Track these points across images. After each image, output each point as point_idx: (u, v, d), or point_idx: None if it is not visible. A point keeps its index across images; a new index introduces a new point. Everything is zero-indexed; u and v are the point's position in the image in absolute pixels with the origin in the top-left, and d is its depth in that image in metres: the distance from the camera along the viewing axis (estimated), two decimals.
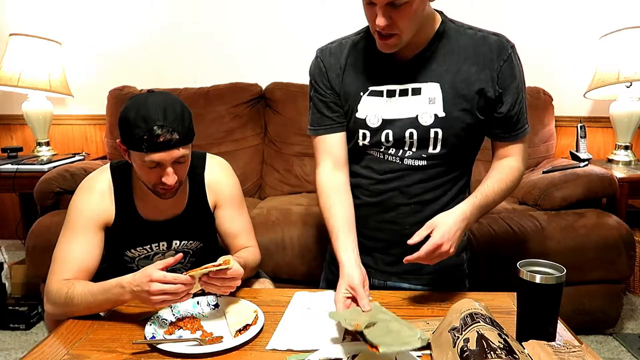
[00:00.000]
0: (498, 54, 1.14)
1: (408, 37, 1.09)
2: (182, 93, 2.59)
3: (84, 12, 2.75)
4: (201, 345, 0.97)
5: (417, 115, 1.15)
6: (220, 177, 1.31)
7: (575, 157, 2.30)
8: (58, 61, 2.65)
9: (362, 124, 1.19)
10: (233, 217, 1.33)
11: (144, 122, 1.06)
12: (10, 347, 2.05)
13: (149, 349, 0.96)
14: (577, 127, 2.39)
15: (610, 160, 2.47)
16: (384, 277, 1.29)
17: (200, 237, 1.32)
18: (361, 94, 1.19)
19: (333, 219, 1.18)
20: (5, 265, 2.43)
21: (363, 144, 1.21)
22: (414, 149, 1.17)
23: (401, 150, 1.18)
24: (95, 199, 1.20)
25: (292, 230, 1.96)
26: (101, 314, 1.11)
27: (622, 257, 1.93)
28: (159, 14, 2.75)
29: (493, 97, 1.14)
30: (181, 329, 1.04)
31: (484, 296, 1.16)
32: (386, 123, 1.17)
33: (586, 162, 2.21)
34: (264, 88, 2.65)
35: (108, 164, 1.26)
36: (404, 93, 1.16)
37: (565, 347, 0.88)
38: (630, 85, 2.37)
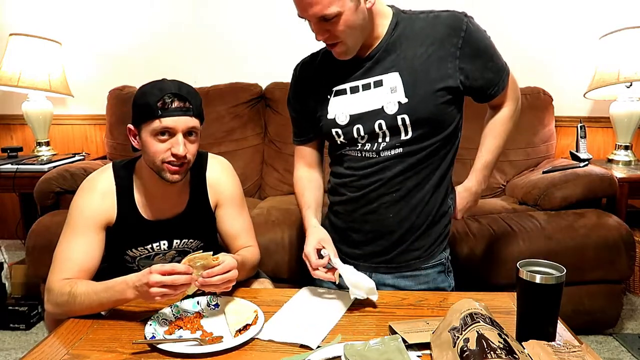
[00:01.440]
0: (454, 29, 1.16)
1: (354, 42, 1.15)
2: None
3: (84, 12, 2.75)
4: (201, 345, 0.97)
5: (382, 106, 1.19)
6: (221, 176, 1.32)
7: (575, 157, 2.30)
8: (58, 61, 2.64)
9: (333, 123, 1.24)
10: (234, 217, 1.33)
11: (159, 91, 1.12)
12: (10, 347, 2.05)
13: (149, 349, 0.96)
14: (577, 127, 2.39)
15: (610, 160, 2.47)
16: (369, 269, 1.31)
17: (201, 237, 1.32)
18: (328, 97, 1.25)
19: (305, 198, 1.34)
20: (5, 265, 2.43)
21: (340, 142, 1.25)
22: (387, 139, 1.21)
23: (376, 144, 1.22)
24: (96, 199, 1.20)
25: (292, 230, 1.95)
26: (102, 313, 1.11)
27: (622, 257, 1.93)
28: (159, 14, 2.75)
29: (457, 71, 1.16)
30: (181, 329, 1.04)
31: (484, 296, 1.16)
32: (355, 118, 1.22)
33: (586, 162, 2.21)
34: (264, 88, 2.65)
35: (110, 164, 1.26)
36: (366, 87, 1.20)
37: (565, 347, 0.88)
38: (630, 85, 2.37)
